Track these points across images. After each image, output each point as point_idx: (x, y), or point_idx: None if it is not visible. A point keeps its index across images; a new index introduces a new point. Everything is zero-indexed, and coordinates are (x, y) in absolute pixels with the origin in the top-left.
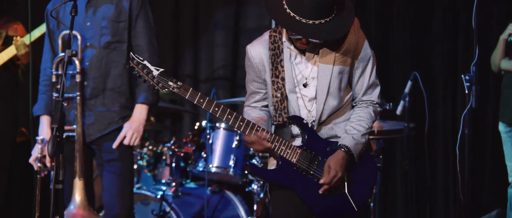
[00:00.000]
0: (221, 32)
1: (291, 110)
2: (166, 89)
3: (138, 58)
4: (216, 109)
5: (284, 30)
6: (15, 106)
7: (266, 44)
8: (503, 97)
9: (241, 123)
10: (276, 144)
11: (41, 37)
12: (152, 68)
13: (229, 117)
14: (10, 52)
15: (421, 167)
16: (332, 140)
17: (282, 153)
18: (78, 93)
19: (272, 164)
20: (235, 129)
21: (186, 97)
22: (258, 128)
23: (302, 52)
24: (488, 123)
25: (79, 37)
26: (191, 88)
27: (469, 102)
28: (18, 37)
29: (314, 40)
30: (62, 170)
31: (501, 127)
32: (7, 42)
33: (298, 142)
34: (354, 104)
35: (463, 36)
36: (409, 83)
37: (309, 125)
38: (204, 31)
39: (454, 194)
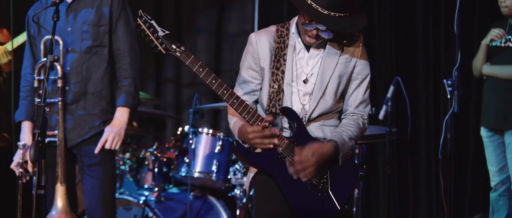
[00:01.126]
0: (203, 36)
1: (284, 103)
2: (168, 51)
3: (146, 16)
4: (213, 81)
5: (294, 23)
6: None
7: (272, 36)
8: (484, 102)
9: (240, 105)
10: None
11: (24, 44)
12: (158, 28)
13: (225, 92)
14: None
15: (403, 172)
16: (319, 138)
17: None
18: (59, 98)
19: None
20: (230, 105)
21: (187, 63)
22: (262, 119)
23: (307, 48)
24: (471, 127)
25: (61, 42)
26: (192, 56)
27: (451, 107)
28: (1, 47)
29: (324, 34)
30: (44, 175)
31: (483, 132)
32: None
33: (286, 134)
34: (343, 117)
35: (445, 41)
36: (392, 88)
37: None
38: (187, 35)
39: (437, 199)
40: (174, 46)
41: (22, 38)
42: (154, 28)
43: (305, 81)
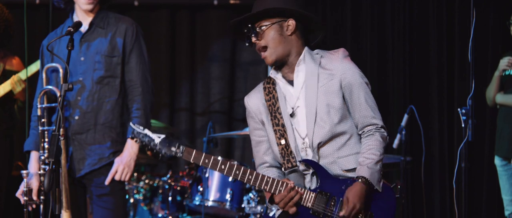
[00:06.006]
0: (217, 64)
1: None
2: (170, 154)
3: (137, 128)
4: (223, 167)
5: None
6: (11, 139)
7: (261, 95)
8: (498, 131)
9: (256, 179)
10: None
11: (37, 72)
12: (153, 136)
13: (237, 172)
14: (6, 87)
15: (418, 201)
16: (343, 177)
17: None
18: (66, 126)
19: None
20: (246, 183)
21: (191, 160)
22: (283, 183)
23: (290, 83)
24: (485, 156)
25: (61, 70)
26: (194, 151)
27: (465, 135)
28: (15, 76)
29: (248, 40)
30: (58, 204)
31: (497, 161)
32: (5, 75)
33: (311, 184)
34: (360, 132)
35: (459, 70)
36: (406, 116)
37: (317, 162)
38: (200, 63)
39: None
40: (173, 149)
41: (35, 67)
42: (149, 138)
43: (292, 115)
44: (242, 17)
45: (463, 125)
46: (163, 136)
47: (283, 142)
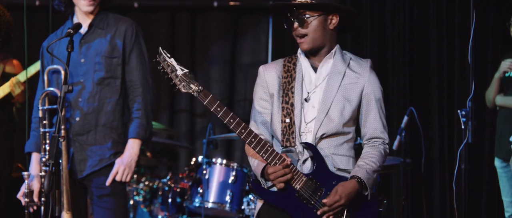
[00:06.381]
0: (217, 67)
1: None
2: (187, 90)
3: (165, 54)
4: (231, 121)
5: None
6: (11, 141)
7: (279, 70)
8: (498, 133)
9: (258, 144)
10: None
11: (37, 74)
12: (177, 67)
13: (243, 131)
14: (5, 89)
15: (417, 202)
16: (338, 173)
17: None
18: (62, 127)
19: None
20: (248, 144)
21: (204, 103)
22: (281, 157)
23: (314, 70)
24: (485, 158)
25: (62, 71)
26: (210, 95)
27: (465, 137)
28: (14, 78)
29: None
30: (58, 205)
31: (497, 162)
32: (4, 77)
33: (305, 167)
34: (365, 142)
35: (459, 71)
36: (405, 118)
37: (316, 149)
38: (200, 65)
39: None
40: (192, 86)
41: (34, 68)
42: (172, 67)
43: (306, 100)
44: (293, 3)
45: (463, 127)
46: (187, 71)
47: (288, 120)
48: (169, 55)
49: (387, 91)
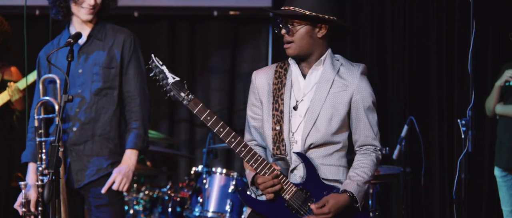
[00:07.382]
0: (217, 76)
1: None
2: (177, 98)
3: (157, 61)
4: (221, 130)
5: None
6: (11, 149)
7: (270, 76)
8: (498, 142)
9: (247, 153)
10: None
11: (34, 83)
12: (168, 75)
13: (233, 140)
14: (4, 97)
15: (417, 212)
16: (330, 184)
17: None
18: (65, 138)
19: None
20: (238, 153)
21: (194, 112)
22: (271, 167)
23: (304, 76)
24: (485, 167)
25: (58, 81)
26: (201, 104)
27: (465, 146)
28: (12, 83)
29: (278, 29)
30: (57, 215)
31: (497, 172)
32: (3, 85)
33: (296, 176)
34: (356, 149)
35: (458, 80)
36: (405, 127)
37: (307, 158)
38: (200, 75)
39: None
40: (182, 94)
41: (31, 77)
42: (164, 74)
43: (295, 108)
44: (278, 12)
45: (463, 136)
46: (178, 79)
47: (278, 127)
48: (161, 63)
49: (387, 100)
